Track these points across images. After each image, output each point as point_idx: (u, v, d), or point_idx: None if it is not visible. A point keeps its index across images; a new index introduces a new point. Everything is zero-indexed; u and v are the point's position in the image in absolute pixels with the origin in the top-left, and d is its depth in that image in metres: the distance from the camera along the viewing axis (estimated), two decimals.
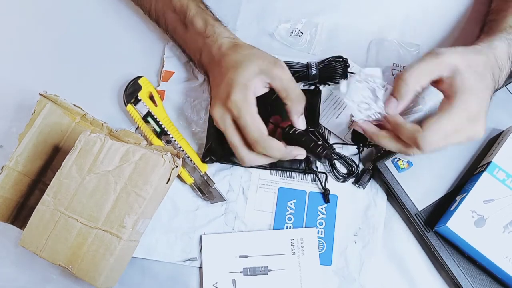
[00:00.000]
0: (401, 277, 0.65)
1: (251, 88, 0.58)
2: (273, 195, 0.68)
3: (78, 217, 0.60)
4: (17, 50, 0.77)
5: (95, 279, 0.58)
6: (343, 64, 0.68)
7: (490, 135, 0.65)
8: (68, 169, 0.60)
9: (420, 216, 0.63)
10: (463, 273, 0.61)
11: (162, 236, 0.67)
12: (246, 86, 0.57)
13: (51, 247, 0.59)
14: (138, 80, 0.70)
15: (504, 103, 0.66)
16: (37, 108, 0.67)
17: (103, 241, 0.59)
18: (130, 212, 0.59)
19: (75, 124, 0.69)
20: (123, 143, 0.61)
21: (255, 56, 0.60)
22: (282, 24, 0.73)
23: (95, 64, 0.75)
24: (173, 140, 0.68)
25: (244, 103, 0.57)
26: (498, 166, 0.60)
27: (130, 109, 0.70)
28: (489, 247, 0.58)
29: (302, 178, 0.68)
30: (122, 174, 0.60)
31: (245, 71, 0.58)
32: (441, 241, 0.62)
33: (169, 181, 0.63)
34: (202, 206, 0.68)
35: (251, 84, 0.58)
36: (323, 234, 0.66)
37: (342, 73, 0.68)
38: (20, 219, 0.66)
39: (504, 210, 0.58)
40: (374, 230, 0.66)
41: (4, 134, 0.73)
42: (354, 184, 0.67)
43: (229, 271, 0.65)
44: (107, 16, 0.77)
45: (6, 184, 0.64)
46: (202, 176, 0.68)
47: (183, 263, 0.66)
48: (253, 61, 0.59)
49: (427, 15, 0.73)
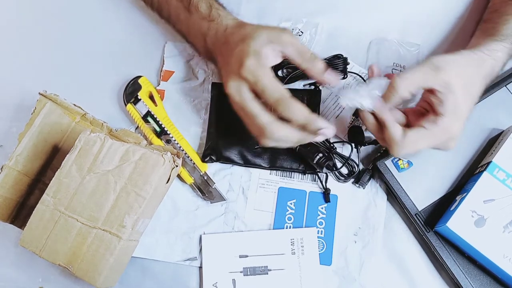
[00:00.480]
0: (401, 277, 0.65)
1: (263, 55, 0.55)
2: (273, 195, 0.68)
3: (78, 217, 0.59)
4: (17, 50, 0.77)
5: (95, 279, 0.58)
6: (343, 62, 0.68)
7: (490, 135, 0.65)
8: (68, 169, 0.60)
9: (420, 216, 0.63)
10: (463, 273, 0.61)
11: (162, 236, 0.67)
12: (258, 52, 0.55)
13: (51, 247, 0.59)
14: (138, 79, 0.70)
15: (504, 103, 0.66)
16: (37, 107, 0.67)
17: (103, 241, 0.59)
18: (130, 211, 0.59)
19: (75, 124, 0.69)
20: (123, 143, 0.61)
21: (261, 27, 0.58)
22: (283, 23, 0.73)
23: (95, 64, 0.75)
24: (173, 139, 0.68)
25: (259, 67, 0.55)
26: (498, 166, 0.60)
27: (130, 109, 0.70)
28: (489, 247, 0.58)
29: (302, 178, 0.68)
30: (122, 173, 0.60)
31: (255, 40, 0.56)
32: (441, 241, 0.62)
33: (169, 181, 0.63)
34: (202, 206, 0.68)
35: (263, 51, 0.56)
36: (323, 234, 0.66)
37: (342, 71, 0.69)
38: (20, 218, 0.66)
39: (504, 210, 0.58)
40: (374, 230, 0.66)
41: (4, 134, 0.73)
42: (354, 184, 0.67)
43: (229, 271, 0.65)
44: (107, 16, 0.76)
45: (6, 183, 0.64)
46: (202, 176, 0.68)
47: (183, 263, 0.66)
48: (261, 31, 0.57)
49: (427, 14, 0.73)
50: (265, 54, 0.56)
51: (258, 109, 0.55)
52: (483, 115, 0.65)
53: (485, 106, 0.65)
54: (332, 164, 0.65)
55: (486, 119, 0.65)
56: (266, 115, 0.55)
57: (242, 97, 0.56)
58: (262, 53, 0.55)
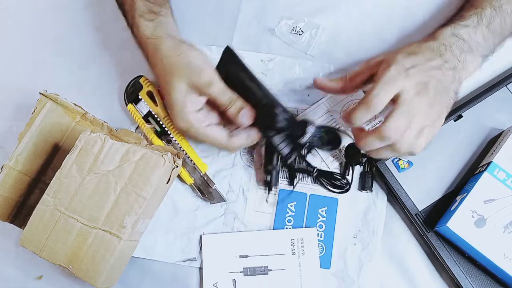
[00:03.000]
0: (401, 278, 0.64)
1: (188, 108, 0.60)
2: (274, 196, 0.68)
3: (78, 217, 0.59)
4: (17, 50, 0.77)
5: (95, 279, 0.58)
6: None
7: (490, 135, 0.65)
8: (68, 169, 0.60)
9: (420, 216, 0.63)
10: (464, 273, 0.61)
11: (162, 236, 0.67)
12: (183, 111, 0.60)
13: (51, 247, 0.59)
14: (139, 79, 0.70)
15: (504, 103, 0.66)
16: (37, 107, 0.67)
17: (103, 241, 0.59)
18: (130, 212, 0.59)
19: (75, 123, 0.69)
20: (123, 143, 0.61)
21: (183, 69, 0.60)
22: (285, 20, 0.73)
23: (96, 63, 0.75)
24: (173, 140, 0.68)
25: (186, 117, 0.60)
26: (498, 166, 0.60)
27: (130, 109, 0.70)
28: (489, 247, 0.58)
29: (303, 180, 0.68)
30: (123, 174, 0.60)
31: (176, 93, 0.60)
32: (442, 241, 0.62)
33: (169, 181, 0.63)
34: (202, 206, 0.68)
35: (187, 105, 0.60)
36: (322, 237, 0.66)
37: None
38: (20, 218, 0.66)
39: (504, 210, 0.58)
40: (374, 232, 0.65)
41: (4, 134, 0.73)
42: (360, 190, 0.66)
43: (229, 271, 0.65)
44: (107, 15, 0.76)
45: (6, 183, 0.64)
46: (202, 177, 0.68)
47: (183, 263, 0.66)
48: (181, 77, 0.60)
49: (427, 14, 0.73)
50: (189, 105, 0.61)
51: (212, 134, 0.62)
52: (483, 115, 0.65)
53: (485, 106, 0.65)
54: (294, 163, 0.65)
55: (486, 119, 0.65)
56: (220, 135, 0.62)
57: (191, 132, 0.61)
58: (187, 107, 0.60)
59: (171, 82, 0.60)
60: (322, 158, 0.68)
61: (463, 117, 0.65)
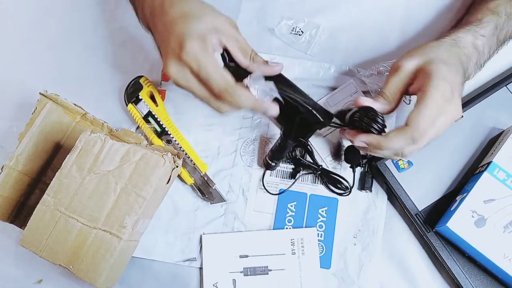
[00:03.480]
0: (401, 277, 0.64)
1: (208, 41, 0.52)
2: (274, 196, 0.68)
3: (78, 217, 0.59)
4: (17, 50, 0.77)
5: (95, 279, 0.58)
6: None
7: (490, 135, 0.65)
8: (69, 169, 0.60)
9: (420, 216, 0.63)
10: (464, 273, 0.61)
11: (162, 236, 0.67)
12: (203, 38, 0.52)
13: (51, 247, 0.59)
14: (139, 79, 0.70)
15: (504, 103, 0.66)
16: (37, 107, 0.67)
17: (103, 241, 0.59)
18: (130, 212, 0.59)
19: (76, 124, 0.69)
20: (123, 143, 0.61)
21: (207, 7, 0.54)
22: (285, 20, 0.73)
23: (96, 63, 0.75)
24: (173, 140, 0.68)
25: (203, 54, 0.52)
26: (498, 166, 0.60)
27: (131, 109, 0.70)
28: (489, 247, 0.58)
29: (303, 180, 0.68)
30: (123, 174, 0.60)
31: (200, 23, 0.52)
32: (441, 241, 0.62)
33: (169, 182, 0.63)
34: (202, 206, 0.68)
35: (208, 38, 0.52)
36: (322, 237, 0.66)
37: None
38: (20, 218, 0.66)
39: (504, 210, 0.58)
40: (374, 232, 0.66)
41: (4, 134, 0.73)
42: (360, 190, 0.67)
43: (229, 271, 0.65)
44: (108, 15, 0.76)
45: (6, 183, 0.64)
46: (202, 177, 0.68)
47: (183, 263, 0.66)
48: (206, 14, 0.53)
49: (428, 14, 0.73)
50: (210, 40, 0.52)
51: (207, 95, 0.54)
52: (483, 115, 0.65)
53: (485, 106, 0.65)
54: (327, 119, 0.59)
55: (486, 119, 0.65)
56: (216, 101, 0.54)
57: (187, 81, 0.53)
58: (207, 40, 0.52)
59: (193, 15, 0.53)
60: (322, 158, 0.68)
61: (463, 117, 0.65)
